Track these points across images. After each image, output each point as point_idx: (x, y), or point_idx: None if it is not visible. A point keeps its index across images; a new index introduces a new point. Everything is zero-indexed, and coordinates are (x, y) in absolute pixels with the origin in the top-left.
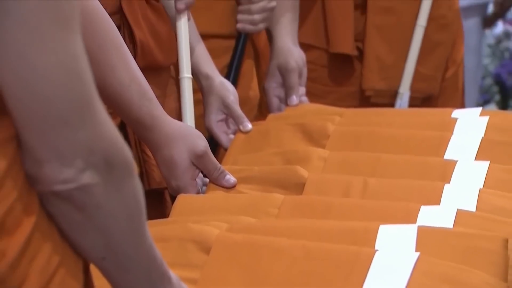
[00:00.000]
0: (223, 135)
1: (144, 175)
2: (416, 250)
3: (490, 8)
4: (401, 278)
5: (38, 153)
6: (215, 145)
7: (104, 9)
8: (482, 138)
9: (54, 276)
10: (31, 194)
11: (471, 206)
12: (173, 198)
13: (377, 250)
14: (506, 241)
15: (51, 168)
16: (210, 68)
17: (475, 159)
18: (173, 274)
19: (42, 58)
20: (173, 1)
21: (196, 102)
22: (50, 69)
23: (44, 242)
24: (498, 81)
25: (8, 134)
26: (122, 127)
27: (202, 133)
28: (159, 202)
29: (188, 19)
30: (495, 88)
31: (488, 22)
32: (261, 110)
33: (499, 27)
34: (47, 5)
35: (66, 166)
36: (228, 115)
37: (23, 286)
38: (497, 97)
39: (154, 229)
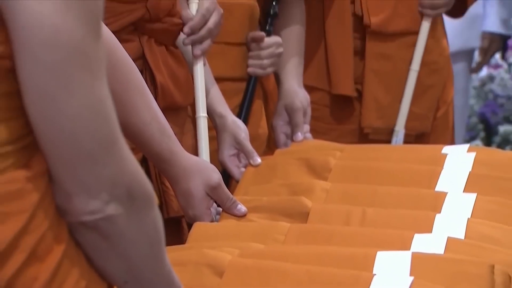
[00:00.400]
0: (235, 168)
1: (163, 204)
2: (411, 275)
3: (476, 54)
4: None
5: (67, 187)
6: (227, 177)
7: (128, 55)
8: (470, 172)
9: None
10: (61, 224)
11: (460, 234)
12: (189, 226)
13: (375, 274)
14: (493, 266)
15: (79, 201)
16: (223, 108)
17: (463, 191)
18: None
19: (71, 102)
20: (190, 48)
21: (211, 139)
22: (79, 112)
23: (73, 268)
24: (483, 119)
25: (40, 169)
26: (144, 161)
27: (216, 166)
28: (177, 229)
29: (204, 64)
30: (480, 126)
31: (475, 69)
32: (269, 145)
33: (484, 71)
34: (76, 54)
35: (92, 199)
36: (240, 150)
37: None
38: (482, 134)
39: (172, 254)
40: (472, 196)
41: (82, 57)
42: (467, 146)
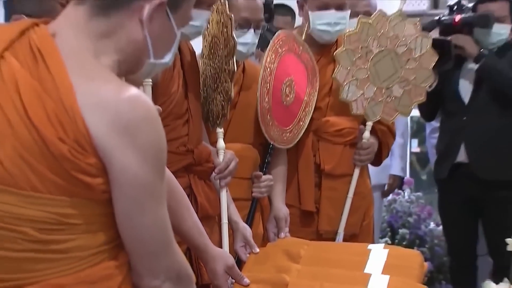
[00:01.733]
0: (243, 255)
1: (199, 277)
2: None
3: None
4: None
5: (140, 271)
6: (239, 260)
7: (180, 185)
8: (385, 261)
9: None
10: None
11: None
12: None
13: None
14: None
15: (147, 280)
16: (237, 218)
17: (381, 274)
18: None
19: (143, 220)
20: (218, 181)
21: (230, 235)
22: (147, 226)
23: None
24: (390, 225)
25: (124, 260)
26: (188, 251)
27: (231, 253)
28: None
29: (226, 191)
30: (388, 229)
31: (385, 195)
32: (264, 240)
33: (390, 196)
34: (148, 190)
35: (154, 279)
36: (246, 243)
37: None
38: (389, 234)
39: None
40: (387, 277)
41: (152, 192)
42: (382, 245)
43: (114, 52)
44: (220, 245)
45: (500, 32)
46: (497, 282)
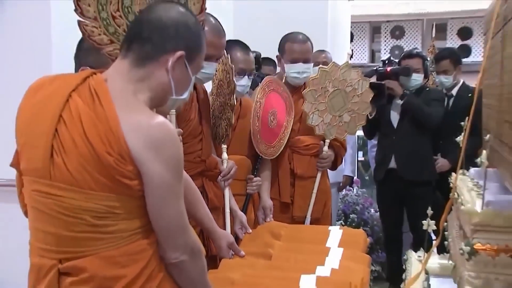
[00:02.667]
0: (241, 234)
1: (208, 251)
2: (316, 285)
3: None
4: None
5: (164, 247)
6: (237, 238)
7: (195, 185)
8: (340, 238)
9: None
10: (161, 263)
11: (336, 266)
12: (219, 260)
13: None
14: (350, 283)
15: (169, 253)
16: (236, 207)
17: (338, 247)
18: None
19: (167, 211)
20: (223, 183)
21: (230, 220)
22: (170, 216)
23: (166, 282)
24: (344, 212)
25: (153, 239)
26: (201, 232)
27: (232, 233)
28: (214, 261)
29: (229, 189)
30: (342, 216)
31: (340, 190)
32: (255, 224)
33: (344, 191)
34: (171, 190)
35: (175, 252)
36: (242, 226)
37: None
38: (343, 218)
39: (211, 274)
40: (341, 249)
41: (173, 191)
42: (338, 226)
43: (147, 91)
44: (224, 227)
45: (416, 79)
46: (415, 251)
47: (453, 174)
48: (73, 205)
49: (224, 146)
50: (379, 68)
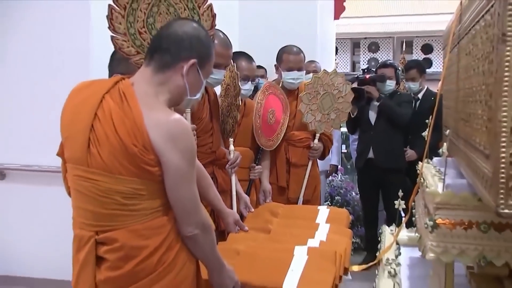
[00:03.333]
0: (245, 213)
1: (218, 226)
2: (307, 255)
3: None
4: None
5: (181, 222)
6: (242, 216)
7: (206, 171)
8: (327, 216)
9: (185, 264)
10: (179, 236)
11: (324, 238)
12: (227, 234)
13: (294, 255)
14: (335, 252)
15: (185, 228)
16: (241, 191)
17: (325, 223)
18: (227, 264)
19: (183, 193)
20: (230, 170)
21: (237, 201)
22: (185, 197)
23: (183, 252)
24: (330, 194)
25: (172, 216)
26: (212, 211)
27: (238, 212)
28: (222, 235)
29: (235, 175)
30: (329, 197)
31: (328, 176)
32: (256, 204)
33: (331, 177)
34: (185, 176)
35: (190, 227)
36: (246, 206)
37: (176, 265)
38: (329, 199)
39: (220, 246)
40: (328, 225)
41: (187, 176)
42: (326, 206)
43: (166, 93)
44: (231, 207)
45: (390, 85)
46: (389, 226)
47: (420, 162)
48: (106, 187)
49: (231, 140)
50: (360, 76)
